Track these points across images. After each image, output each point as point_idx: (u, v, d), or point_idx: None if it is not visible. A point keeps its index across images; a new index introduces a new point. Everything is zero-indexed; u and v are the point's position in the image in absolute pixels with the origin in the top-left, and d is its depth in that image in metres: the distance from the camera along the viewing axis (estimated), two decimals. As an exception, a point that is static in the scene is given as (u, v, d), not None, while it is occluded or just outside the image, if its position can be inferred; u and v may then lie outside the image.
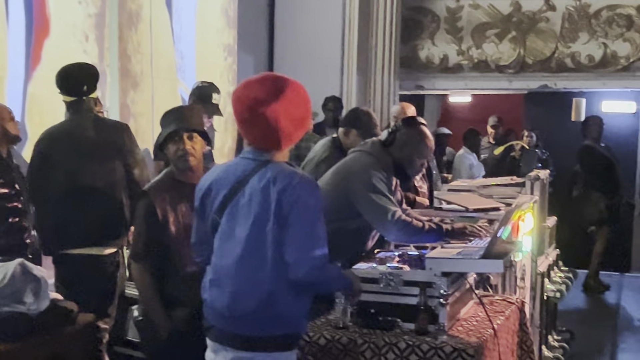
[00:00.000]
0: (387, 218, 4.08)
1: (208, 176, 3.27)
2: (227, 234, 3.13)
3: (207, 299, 3.19)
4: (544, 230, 5.92)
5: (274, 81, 3.14)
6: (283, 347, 3.14)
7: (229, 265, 3.11)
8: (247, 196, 3.08)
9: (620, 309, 8.69)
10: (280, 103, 3.06)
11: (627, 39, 9.61)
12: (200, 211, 3.25)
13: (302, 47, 9.52)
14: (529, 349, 4.28)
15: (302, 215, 3.02)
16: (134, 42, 6.50)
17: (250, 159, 3.15)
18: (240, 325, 3.09)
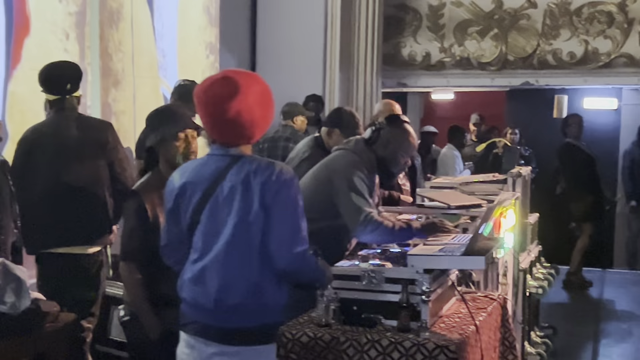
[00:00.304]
0: (360, 219, 4.10)
1: (178, 177, 3.24)
2: (210, 231, 3.12)
3: (188, 297, 3.18)
4: (526, 226, 5.94)
5: (236, 77, 3.15)
6: (266, 339, 3.16)
7: (215, 260, 3.10)
8: (226, 191, 3.08)
9: (602, 305, 8.74)
10: (245, 97, 3.09)
11: (608, 36, 9.64)
12: (174, 212, 3.22)
13: (285, 45, 9.51)
14: (511, 345, 4.29)
15: (285, 206, 3.07)
16: (115, 41, 6.47)
17: (221, 155, 3.16)
18: (226, 318, 3.10)
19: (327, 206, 4.23)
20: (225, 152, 3.16)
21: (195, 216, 3.14)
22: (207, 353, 3.14)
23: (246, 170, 3.08)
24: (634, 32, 9.56)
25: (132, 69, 6.69)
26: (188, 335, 3.21)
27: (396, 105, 6.16)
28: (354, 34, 9.70)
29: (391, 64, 10.23)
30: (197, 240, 3.16)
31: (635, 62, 9.59)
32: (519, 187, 5.64)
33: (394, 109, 6.09)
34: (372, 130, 4.41)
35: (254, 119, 3.12)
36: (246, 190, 3.05)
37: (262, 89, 3.18)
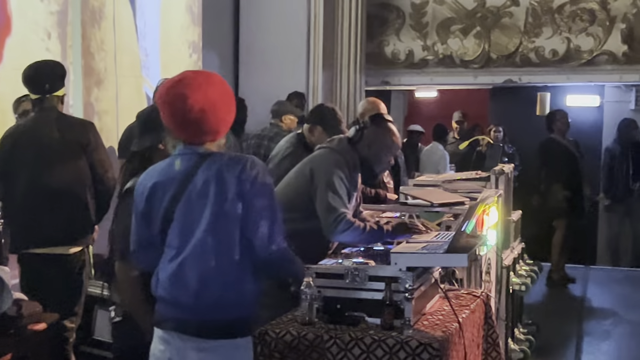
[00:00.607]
0: (332, 218, 4.10)
1: (147, 178, 3.23)
2: (185, 227, 3.12)
3: (166, 294, 3.16)
4: (509, 224, 5.97)
5: (196, 76, 3.19)
6: (244, 332, 3.17)
7: (192, 253, 3.10)
8: (199, 186, 3.10)
9: (585, 302, 8.78)
10: (207, 94, 3.11)
11: (590, 34, 9.69)
12: (146, 214, 3.20)
13: (268, 43, 9.51)
14: (494, 342, 4.30)
15: (263, 196, 3.10)
16: (97, 40, 6.45)
17: (189, 154, 3.17)
18: (206, 312, 3.09)
19: (309, 205, 4.23)
20: (193, 151, 3.17)
21: (169, 214, 3.14)
22: (183, 348, 3.13)
23: (218, 164, 3.10)
24: (615, 29, 9.61)
25: (115, 68, 6.66)
26: (163, 332, 3.18)
27: (381, 104, 6.16)
28: (337, 32, 9.72)
29: (374, 63, 10.25)
30: (173, 238, 3.15)
31: (617, 60, 9.65)
32: (502, 184, 5.66)
33: (379, 107, 6.08)
34: (356, 129, 4.41)
35: (218, 115, 3.15)
36: (220, 182, 3.07)
37: (223, 87, 3.21)
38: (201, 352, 3.11)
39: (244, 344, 3.18)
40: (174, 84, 3.16)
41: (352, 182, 4.31)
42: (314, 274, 3.65)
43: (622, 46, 9.58)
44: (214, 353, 3.11)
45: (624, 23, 9.55)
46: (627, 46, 9.57)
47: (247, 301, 3.15)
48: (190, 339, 3.12)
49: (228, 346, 3.12)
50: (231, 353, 3.13)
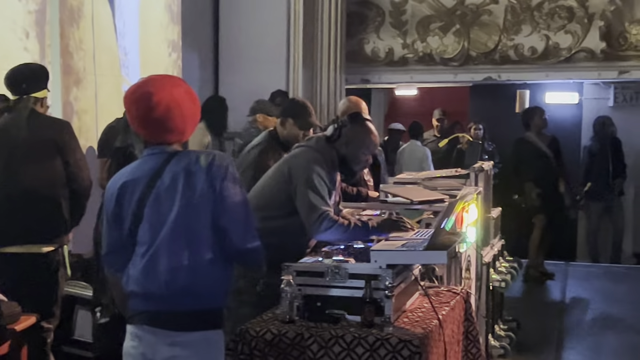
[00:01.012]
0: (315, 216, 4.09)
1: (116, 179, 3.26)
2: (155, 221, 3.14)
3: (137, 288, 3.17)
4: (489, 221, 5.99)
5: (160, 78, 3.27)
6: (215, 323, 3.18)
7: (162, 245, 3.12)
8: (167, 181, 3.14)
9: (565, 298, 8.82)
10: (172, 94, 3.16)
11: (568, 31, 9.73)
12: (117, 214, 3.21)
13: (247, 42, 9.50)
14: (474, 339, 4.32)
15: (234, 187, 3.15)
16: (76, 39, 6.43)
17: (157, 154, 3.22)
18: (177, 302, 3.10)
19: (288, 203, 4.23)
20: (162, 150, 3.22)
21: (139, 211, 3.16)
22: (155, 343, 3.14)
23: (186, 160, 3.16)
24: (594, 27, 9.66)
25: (94, 67, 6.64)
26: (135, 327, 3.19)
27: (362, 104, 6.16)
28: (317, 30, 9.72)
29: (354, 61, 10.26)
30: (143, 234, 3.16)
31: (595, 57, 9.70)
32: (481, 181, 5.69)
33: (360, 107, 6.09)
34: (334, 127, 4.41)
35: (183, 114, 3.19)
36: (189, 176, 3.12)
37: (187, 89, 3.27)
38: (173, 346, 3.11)
39: (216, 337, 3.18)
40: (139, 84, 3.25)
41: (331, 180, 4.31)
42: (294, 272, 3.66)
43: (600, 43, 9.63)
44: (185, 347, 3.11)
45: (602, 20, 9.60)
46: (605, 43, 9.62)
47: (218, 292, 3.18)
48: (162, 332, 3.12)
49: (200, 340, 3.13)
50: (203, 347, 3.14)
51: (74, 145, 5.06)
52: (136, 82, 3.30)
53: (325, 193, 4.20)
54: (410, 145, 10.68)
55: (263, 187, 4.44)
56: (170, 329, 3.11)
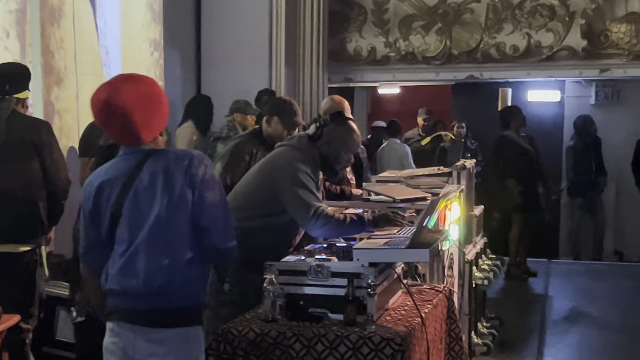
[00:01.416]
0: (310, 213, 4.08)
1: (94, 178, 3.26)
2: (134, 220, 3.15)
3: (116, 286, 3.17)
4: (471, 219, 6.00)
5: (115, 81, 3.22)
6: (193, 321, 3.18)
7: (141, 244, 3.13)
8: (146, 180, 3.14)
9: (548, 295, 8.86)
10: (123, 97, 3.12)
11: (550, 29, 9.77)
12: (94, 213, 3.22)
13: (230, 41, 9.49)
14: (457, 337, 4.34)
15: (213, 186, 3.17)
16: (57, 38, 6.40)
17: (133, 152, 3.21)
18: (155, 300, 3.11)
19: (271, 203, 4.22)
20: (137, 149, 3.21)
21: (117, 211, 3.16)
22: (134, 340, 3.15)
23: (164, 160, 3.16)
24: (575, 25, 9.70)
25: (75, 66, 6.61)
26: (114, 323, 3.20)
27: (345, 103, 6.16)
28: (299, 29, 9.72)
29: (337, 60, 10.27)
30: (122, 233, 3.17)
31: (577, 55, 9.74)
32: (464, 179, 5.70)
33: (343, 106, 6.08)
34: (316, 126, 4.40)
35: (140, 116, 3.14)
36: (167, 176, 3.12)
37: (146, 92, 3.19)
38: (151, 343, 3.12)
39: (194, 334, 3.19)
40: (97, 90, 3.21)
41: (315, 178, 4.31)
42: (277, 271, 3.66)
43: (581, 41, 9.68)
44: (164, 344, 3.12)
45: (583, 18, 9.64)
46: (586, 41, 9.66)
47: (196, 290, 3.19)
48: (140, 329, 3.13)
49: (178, 337, 3.13)
50: (181, 343, 3.14)
51: (53, 145, 5.04)
52: (100, 86, 3.24)
53: (314, 189, 4.19)
54: (390, 144, 10.70)
55: (245, 187, 4.43)
56: (148, 326, 3.12)
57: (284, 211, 4.20)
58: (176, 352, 3.13)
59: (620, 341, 7.12)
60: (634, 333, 7.35)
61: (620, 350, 6.86)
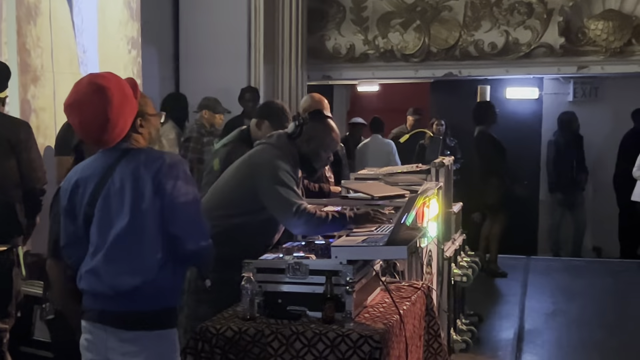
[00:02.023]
0: (292, 211, 4.07)
1: (71, 176, 3.29)
2: (104, 222, 3.16)
3: (86, 287, 3.20)
4: (450, 216, 6.01)
5: (77, 83, 3.21)
6: (163, 324, 3.18)
7: (110, 249, 3.13)
8: (117, 183, 3.14)
9: (526, 292, 8.88)
10: (97, 103, 3.11)
11: (528, 27, 9.80)
12: (70, 210, 3.26)
13: (208, 38, 9.46)
14: (436, 334, 4.35)
15: (185, 191, 3.15)
16: (33, 36, 6.35)
17: (110, 150, 3.21)
18: (123, 303, 3.12)
19: (250, 201, 4.20)
20: (116, 147, 3.21)
21: (89, 210, 3.18)
22: (106, 339, 3.17)
23: (135, 162, 3.14)
24: (553, 22, 9.74)
25: (52, 65, 6.57)
26: (87, 322, 3.23)
27: (325, 101, 6.15)
28: (278, 27, 9.71)
29: (316, 57, 10.26)
30: (93, 233, 3.19)
31: (554, 52, 9.78)
32: (442, 176, 5.71)
33: (322, 104, 6.07)
34: (295, 125, 4.40)
35: (111, 118, 3.12)
36: (136, 180, 3.11)
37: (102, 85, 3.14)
38: (123, 342, 3.14)
39: (167, 335, 3.19)
40: (71, 92, 3.20)
41: (295, 176, 4.30)
42: (255, 269, 3.65)
43: (559, 39, 9.71)
44: (135, 343, 3.13)
45: (560, 16, 9.67)
46: (564, 38, 9.69)
47: (168, 293, 3.18)
48: (111, 329, 3.15)
49: (150, 337, 3.14)
50: (153, 343, 3.15)
51: (30, 145, 5.01)
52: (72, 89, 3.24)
53: (295, 186, 4.19)
54: (374, 140, 10.72)
55: (224, 185, 4.42)
56: (119, 328, 3.13)
57: (263, 209, 4.19)
58: (148, 351, 3.14)
59: (598, 338, 7.16)
60: (612, 329, 7.39)
61: (599, 347, 6.90)
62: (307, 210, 4.10)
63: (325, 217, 4.12)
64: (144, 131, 3.27)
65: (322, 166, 4.58)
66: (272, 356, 3.47)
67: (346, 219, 4.18)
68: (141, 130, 3.26)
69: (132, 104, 3.20)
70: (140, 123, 3.25)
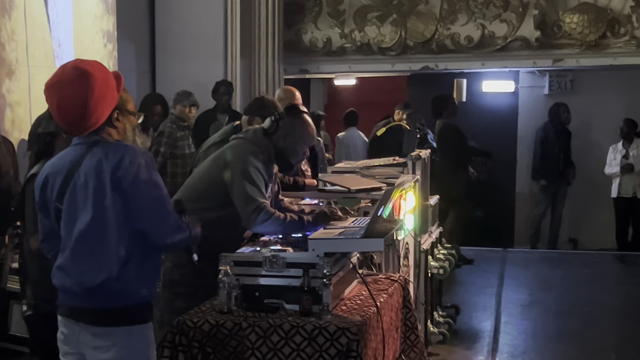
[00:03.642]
0: (251, 208, 4.07)
1: (44, 170, 3.28)
2: (70, 218, 3.15)
3: (57, 282, 3.21)
4: (427, 208, 6.03)
5: (58, 71, 3.19)
6: (134, 320, 3.16)
7: (75, 245, 3.13)
8: (82, 177, 3.12)
9: (503, 283, 8.93)
10: (78, 87, 3.10)
11: (503, 20, 9.85)
12: (42, 205, 3.26)
13: (184, 32, 9.44)
14: (413, 326, 4.36)
15: (147, 185, 3.10)
16: (8, 30, 6.32)
17: (80, 144, 3.20)
18: (91, 300, 3.11)
19: (223, 195, 4.20)
20: (84, 140, 3.19)
21: (59, 205, 3.17)
22: (79, 332, 3.17)
23: (98, 157, 3.11)
24: (528, 15, 9.80)
25: (27, 59, 6.54)
26: (61, 317, 3.24)
27: (296, 93, 6.15)
28: (254, 20, 9.70)
29: (293, 51, 10.27)
30: (62, 228, 3.19)
31: (530, 45, 9.84)
32: (419, 169, 5.72)
33: (294, 96, 6.07)
34: (271, 120, 4.39)
35: (91, 107, 3.11)
36: (99, 175, 3.08)
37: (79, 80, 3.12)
38: (95, 336, 3.14)
39: (139, 330, 3.18)
40: (53, 76, 3.19)
41: (268, 172, 4.29)
42: (232, 262, 3.66)
43: (535, 32, 9.77)
44: (106, 338, 3.13)
45: (536, 9, 9.73)
46: (540, 32, 9.76)
47: (135, 290, 3.15)
48: (83, 325, 3.16)
49: (120, 332, 3.13)
50: (124, 338, 3.14)
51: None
52: (54, 74, 3.21)
53: (262, 185, 4.18)
54: (351, 133, 10.75)
55: (199, 178, 4.41)
56: (89, 324, 3.14)
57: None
58: (120, 344, 3.13)
59: (575, 328, 7.21)
60: (588, 320, 7.45)
61: (575, 337, 6.95)
62: (267, 210, 4.08)
63: (283, 219, 4.10)
64: (119, 125, 3.23)
65: (298, 161, 4.58)
66: (249, 349, 3.48)
67: (304, 222, 4.15)
68: (117, 123, 3.22)
69: (113, 95, 3.18)
70: (117, 116, 3.21)
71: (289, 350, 3.44)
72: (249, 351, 3.47)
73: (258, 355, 3.47)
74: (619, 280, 9.56)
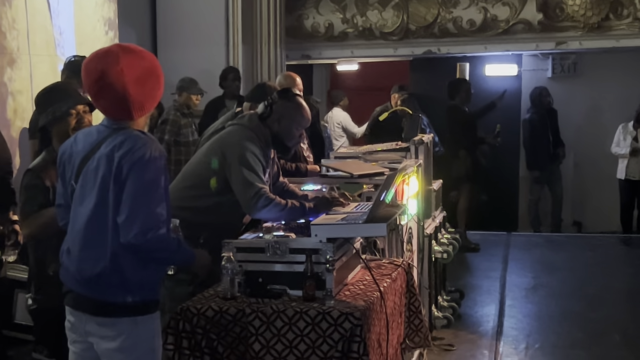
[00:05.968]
0: (251, 193, 4.07)
1: (68, 143, 3.28)
2: (79, 200, 3.16)
3: (64, 262, 3.21)
4: (430, 193, 6.03)
5: (120, 51, 3.11)
6: (142, 312, 3.15)
7: (78, 229, 3.14)
8: (95, 162, 3.11)
9: (507, 267, 8.93)
10: (127, 72, 3.06)
11: (506, 3, 9.81)
12: (62, 175, 3.28)
13: (186, 19, 9.42)
14: (417, 310, 4.36)
15: (139, 176, 3.02)
16: (9, 18, 6.30)
17: (105, 126, 3.18)
18: (92, 289, 3.11)
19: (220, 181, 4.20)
20: (110, 125, 3.17)
21: (73, 183, 3.18)
22: (86, 321, 3.17)
23: (115, 142, 3.08)
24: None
25: (28, 47, 6.52)
26: (67, 306, 3.24)
27: (297, 79, 6.14)
28: (256, 6, 9.67)
29: (294, 36, 10.24)
30: (72, 209, 3.20)
31: (533, 28, 9.80)
32: (422, 154, 5.72)
33: (295, 82, 6.07)
34: (265, 104, 4.39)
35: (128, 96, 3.07)
36: (108, 163, 3.06)
37: (146, 67, 3.12)
38: (101, 326, 3.14)
39: (145, 320, 3.16)
40: (96, 56, 3.13)
41: (265, 157, 4.29)
42: (235, 249, 3.66)
43: (537, 15, 9.73)
44: (113, 327, 3.12)
45: (538, -8, 9.70)
46: (542, 14, 9.72)
47: (133, 286, 3.11)
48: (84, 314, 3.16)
49: (127, 321, 3.12)
50: (130, 328, 3.13)
51: None
52: (94, 53, 3.16)
53: (260, 170, 4.18)
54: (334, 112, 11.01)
55: (195, 166, 4.41)
56: (92, 314, 3.13)
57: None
58: (126, 333, 3.12)
59: (579, 310, 7.22)
60: (592, 301, 7.45)
61: (579, 319, 6.95)
62: (267, 196, 4.08)
63: (284, 205, 4.09)
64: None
65: (295, 144, 4.56)
66: (253, 335, 3.48)
67: (305, 209, 4.14)
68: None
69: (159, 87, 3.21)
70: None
71: (293, 335, 3.45)
72: (253, 337, 3.48)
73: (262, 341, 3.47)
74: (623, 262, 9.55)
